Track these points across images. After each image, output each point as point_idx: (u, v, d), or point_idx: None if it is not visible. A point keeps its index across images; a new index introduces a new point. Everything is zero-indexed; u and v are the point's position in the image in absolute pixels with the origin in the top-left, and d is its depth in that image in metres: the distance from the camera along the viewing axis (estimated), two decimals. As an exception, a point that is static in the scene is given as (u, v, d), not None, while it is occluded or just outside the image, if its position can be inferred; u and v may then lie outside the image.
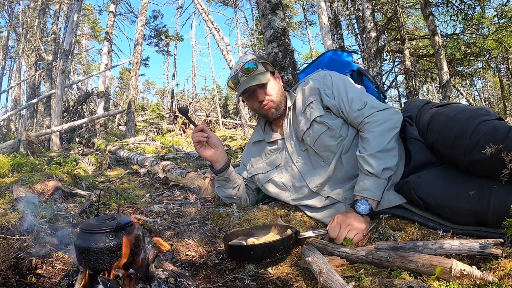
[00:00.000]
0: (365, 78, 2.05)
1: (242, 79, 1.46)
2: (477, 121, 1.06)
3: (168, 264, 1.05)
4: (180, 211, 1.76)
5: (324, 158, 1.44)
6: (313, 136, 1.44)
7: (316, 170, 1.45)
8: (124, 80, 23.21)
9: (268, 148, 1.61)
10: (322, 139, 1.42)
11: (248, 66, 1.45)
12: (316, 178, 1.44)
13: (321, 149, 1.43)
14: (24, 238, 1.21)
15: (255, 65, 1.46)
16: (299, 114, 1.51)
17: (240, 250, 1.12)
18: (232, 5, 16.35)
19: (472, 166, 1.06)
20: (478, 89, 19.36)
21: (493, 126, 1.03)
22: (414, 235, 1.12)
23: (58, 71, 7.33)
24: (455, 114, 1.16)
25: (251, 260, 1.09)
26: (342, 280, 0.83)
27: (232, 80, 1.51)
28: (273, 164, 1.58)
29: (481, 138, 1.02)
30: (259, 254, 1.08)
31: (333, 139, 1.41)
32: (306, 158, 1.49)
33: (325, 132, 1.42)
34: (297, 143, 1.52)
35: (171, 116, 11.62)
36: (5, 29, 14.43)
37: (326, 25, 7.99)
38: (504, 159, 0.94)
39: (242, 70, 1.46)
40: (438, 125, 1.20)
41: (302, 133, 1.47)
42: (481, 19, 8.34)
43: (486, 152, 0.97)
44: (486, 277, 0.75)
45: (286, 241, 1.11)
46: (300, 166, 1.50)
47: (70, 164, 3.99)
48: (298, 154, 1.51)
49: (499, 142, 0.96)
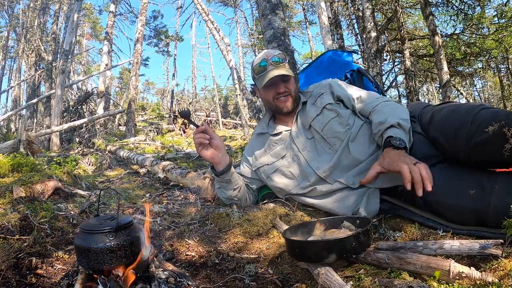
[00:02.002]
0: (365, 78, 2.06)
1: (270, 68, 1.53)
2: (477, 109, 1.09)
3: (168, 264, 1.05)
4: (180, 211, 1.76)
5: (331, 144, 1.46)
6: (323, 122, 1.49)
7: (322, 157, 1.47)
8: (124, 80, 23.21)
9: (272, 139, 1.63)
10: (331, 124, 1.47)
11: (278, 60, 1.54)
12: (323, 165, 1.45)
13: (329, 135, 1.47)
14: (24, 238, 1.21)
15: (284, 60, 1.56)
16: (309, 106, 1.58)
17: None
18: (232, 5, 16.35)
19: (475, 150, 1.06)
20: (478, 89, 19.37)
21: (493, 111, 1.06)
22: (414, 235, 1.12)
23: (58, 71, 7.33)
24: (455, 107, 1.20)
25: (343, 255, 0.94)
26: (341, 280, 0.83)
27: (258, 66, 1.56)
28: (278, 155, 1.58)
29: (482, 121, 1.04)
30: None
31: (341, 126, 1.46)
32: (312, 146, 1.51)
33: (335, 118, 1.48)
34: (304, 132, 1.55)
35: (171, 116, 11.62)
36: (5, 29, 14.44)
37: (326, 25, 7.99)
38: (506, 135, 0.95)
39: (272, 60, 1.53)
40: (440, 119, 1.23)
41: (311, 120, 1.52)
42: (481, 19, 8.33)
43: (489, 130, 0.99)
44: (485, 278, 0.75)
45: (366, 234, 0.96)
46: (306, 154, 1.51)
47: (70, 164, 3.99)
48: (304, 142, 1.53)
49: (501, 121, 0.98)
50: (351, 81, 2.11)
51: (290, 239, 1.02)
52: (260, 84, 1.57)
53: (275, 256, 1.16)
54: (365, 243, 0.96)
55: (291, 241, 1.01)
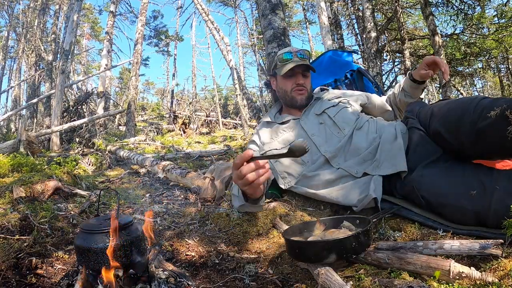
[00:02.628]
0: (365, 78, 2.06)
1: (295, 59, 1.63)
2: (477, 100, 1.10)
3: (168, 264, 1.05)
4: (180, 211, 1.76)
5: (340, 129, 1.53)
6: (337, 109, 1.61)
7: (330, 140, 1.52)
8: (124, 80, 23.20)
9: (280, 127, 1.67)
10: (344, 112, 1.59)
11: (303, 56, 1.66)
12: (330, 147, 1.49)
13: (341, 120, 1.55)
14: (24, 238, 1.21)
15: (309, 57, 1.70)
16: (324, 101, 1.69)
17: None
18: (232, 5, 16.35)
19: (479, 138, 1.07)
20: (478, 89, 19.36)
21: (493, 99, 1.08)
22: (414, 235, 1.12)
23: (58, 71, 7.33)
24: (455, 101, 1.22)
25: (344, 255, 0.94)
26: (341, 280, 0.83)
27: (283, 56, 1.66)
28: (286, 141, 1.60)
29: (484, 108, 1.05)
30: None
31: (353, 114, 1.58)
32: (321, 131, 1.56)
33: (348, 108, 1.62)
34: (314, 118, 1.62)
35: (171, 116, 11.62)
36: (5, 29, 14.43)
37: (326, 25, 7.99)
38: (508, 117, 0.95)
39: (298, 52, 1.65)
40: (440, 113, 1.24)
41: (325, 107, 1.62)
42: (481, 19, 8.33)
43: (491, 115, 0.99)
44: (485, 278, 0.75)
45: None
46: (316, 138, 1.54)
47: (70, 164, 3.99)
48: (313, 128, 1.58)
49: (502, 105, 0.99)
50: (351, 81, 2.11)
51: (290, 239, 1.02)
52: (281, 71, 1.65)
53: (275, 256, 1.16)
54: (365, 243, 0.96)
55: (291, 241, 1.01)
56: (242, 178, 1.00)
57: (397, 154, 1.32)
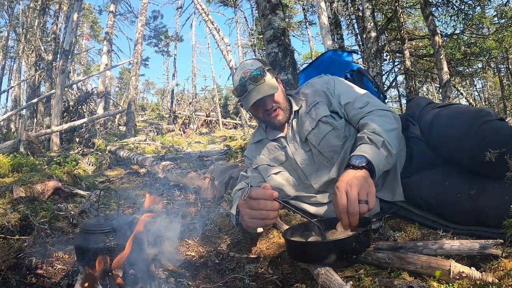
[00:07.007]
0: (365, 78, 2.05)
1: (250, 87, 1.39)
2: (480, 122, 1.06)
3: (168, 264, 1.05)
4: (180, 211, 1.76)
5: (328, 158, 1.41)
6: (319, 136, 1.41)
7: (320, 171, 1.43)
8: (124, 80, 23.20)
9: (271, 144, 1.56)
10: (328, 138, 1.40)
11: (257, 73, 1.40)
12: (321, 179, 1.42)
13: (326, 149, 1.40)
14: (24, 238, 1.21)
15: (264, 72, 1.41)
16: (303, 116, 1.48)
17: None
18: (232, 5, 16.34)
19: (476, 167, 1.07)
20: (478, 89, 19.34)
21: (496, 127, 1.04)
22: (414, 235, 1.12)
23: (58, 71, 7.33)
24: (457, 115, 1.17)
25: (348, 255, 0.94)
26: (341, 280, 0.83)
27: (238, 87, 1.43)
28: (277, 160, 1.53)
29: (484, 139, 1.02)
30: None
31: (338, 139, 1.39)
32: (310, 159, 1.46)
33: (331, 132, 1.39)
34: (301, 144, 1.49)
35: (171, 116, 11.62)
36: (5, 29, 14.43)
37: (326, 25, 7.99)
38: (507, 163, 0.94)
39: (250, 78, 1.39)
40: (441, 127, 1.21)
41: (307, 133, 1.43)
42: (481, 19, 8.33)
43: (490, 157, 0.98)
44: (485, 278, 0.75)
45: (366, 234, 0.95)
46: (304, 167, 1.46)
47: (70, 164, 3.99)
48: (302, 155, 1.47)
49: (502, 144, 0.97)
50: (351, 81, 2.11)
51: (290, 240, 1.01)
52: (246, 107, 1.48)
53: (275, 256, 1.16)
54: (365, 244, 0.96)
55: (291, 241, 1.01)
56: (256, 209, 1.02)
57: (394, 183, 1.31)
